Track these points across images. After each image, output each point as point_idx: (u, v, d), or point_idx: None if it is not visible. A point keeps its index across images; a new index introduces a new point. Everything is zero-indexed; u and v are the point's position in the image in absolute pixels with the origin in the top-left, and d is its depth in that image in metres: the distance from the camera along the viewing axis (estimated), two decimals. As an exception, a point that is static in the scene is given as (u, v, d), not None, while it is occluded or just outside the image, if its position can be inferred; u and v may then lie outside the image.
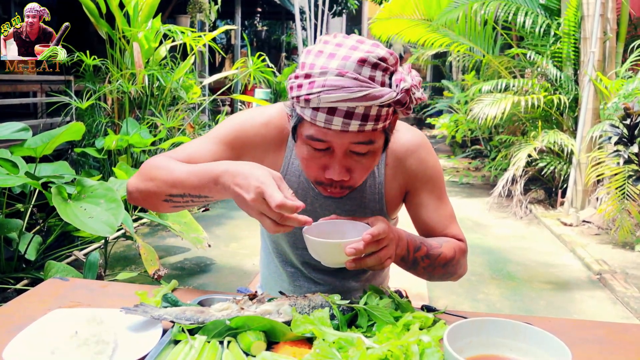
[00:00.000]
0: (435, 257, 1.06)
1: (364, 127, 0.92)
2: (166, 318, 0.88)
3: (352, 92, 0.88)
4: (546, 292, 3.34)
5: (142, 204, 1.06)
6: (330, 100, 0.89)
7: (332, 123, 0.91)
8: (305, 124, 0.96)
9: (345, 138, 0.94)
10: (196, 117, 5.17)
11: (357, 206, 1.17)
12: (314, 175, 1.02)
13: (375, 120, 0.92)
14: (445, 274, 1.12)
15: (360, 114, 0.90)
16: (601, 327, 1.02)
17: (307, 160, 1.00)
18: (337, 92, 0.88)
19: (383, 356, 0.75)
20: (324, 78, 0.89)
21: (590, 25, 4.83)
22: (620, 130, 3.82)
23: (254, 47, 12.72)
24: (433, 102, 9.91)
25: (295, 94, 0.93)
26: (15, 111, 5.44)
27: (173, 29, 4.48)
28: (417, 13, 6.37)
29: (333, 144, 0.95)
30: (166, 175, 1.00)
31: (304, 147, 0.99)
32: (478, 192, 6.31)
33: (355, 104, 0.89)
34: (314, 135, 0.95)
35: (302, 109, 0.94)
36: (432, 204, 1.17)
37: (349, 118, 0.90)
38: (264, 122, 1.14)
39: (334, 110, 0.90)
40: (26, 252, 2.69)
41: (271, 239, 1.29)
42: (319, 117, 0.92)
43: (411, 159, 1.15)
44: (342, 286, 1.28)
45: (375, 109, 0.91)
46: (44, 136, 2.64)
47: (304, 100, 0.92)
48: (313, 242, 0.93)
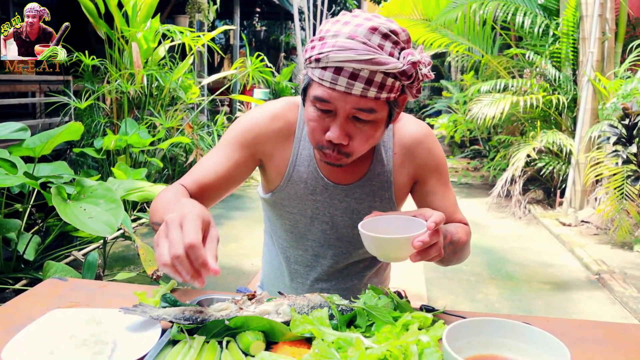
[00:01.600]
0: (456, 243, 1.10)
1: (367, 93, 0.95)
2: (165, 318, 0.88)
3: (359, 54, 0.92)
4: (545, 292, 3.34)
5: None
6: (337, 59, 0.93)
7: (337, 83, 0.95)
8: (313, 85, 0.99)
9: (348, 101, 0.96)
10: (195, 117, 5.17)
11: (366, 194, 1.18)
12: (317, 138, 1.03)
13: (379, 88, 0.95)
14: (461, 258, 1.16)
15: (365, 77, 0.93)
16: (600, 327, 1.02)
17: (312, 122, 1.02)
18: (345, 52, 0.92)
19: (382, 356, 0.75)
20: (335, 40, 0.94)
21: (589, 25, 4.83)
22: (619, 130, 3.83)
23: (252, 47, 12.72)
24: (432, 102, 9.92)
25: (308, 55, 0.98)
26: (14, 111, 5.43)
27: (172, 29, 4.48)
28: (416, 13, 6.38)
29: (336, 106, 0.98)
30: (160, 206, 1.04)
31: (310, 108, 1.02)
32: (477, 192, 6.31)
33: (361, 66, 0.92)
34: (319, 96, 0.98)
35: (312, 70, 0.98)
36: (439, 192, 1.20)
37: (354, 79, 0.94)
38: (271, 115, 1.17)
39: (340, 70, 0.94)
40: (25, 252, 2.68)
41: (276, 234, 1.29)
42: (325, 76, 0.95)
43: (419, 148, 1.18)
44: (345, 284, 1.28)
45: (380, 76, 0.94)
46: (43, 136, 2.63)
47: (314, 60, 0.96)
48: (377, 239, 0.92)
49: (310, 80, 1.01)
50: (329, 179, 1.17)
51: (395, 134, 1.19)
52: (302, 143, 1.17)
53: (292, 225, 1.23)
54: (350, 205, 1.18)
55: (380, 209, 1.19)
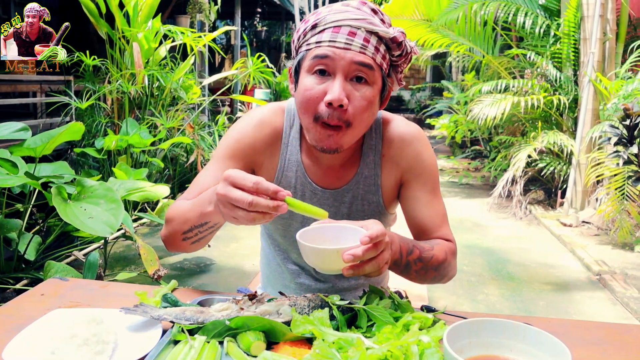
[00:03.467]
0: (427, 260, 1.05)
1: (365, 50, 1.00)
2: (166, 318, 0.88)
3: (356, 15, 1.00)
4: (546, 293, 3.34)
5: (173, 248, 1.11)
6: (335, 18, 1.00)
7: (337, 40, 0.99)
8: (310, 52, 1.02)
9: (348, 57, 0.99)
10: (196, 118, 5.17)
11: (354, 198, 1.17)
12: (314, 106, 1.02)
13: (374, 50, 1.01)
14: (437, 277, 1.10)
15: (362, 36, 1.00)
16: (601, 327, 1.02)
17: (309, 90, 1.02)
18: (342, 14, 1.01)
19: (383, 356, 0.75)
20: (329, 8, 1.03)
21: (590, 26, 4.83)
22: (620, 131, 3.82)
23: (253, 48, 12.73)
24: (433, 102, 9.91)
25: (302, 29, 1.04)
26: (15, 111, 5.44)
27: (173, 30, 4.48)
28: (417, 13, 6.37)
29: (336, 64, 1.00)
30: (177, 215, 1.05)
31: (306, 78, 1.03)
32: (478, 192, 6.31)
33: (358, 24, 0.99)
34: (319, 54, 1.00)
35: (308, 41, 1.03)
36: (424, 198, 1.16)
37: (353, 36, 0.99)
38: (258, 123, 1.17)
39: (338, 28, 1.00)
40: (26, 252, 2.69)
41: (272, 237, 1.29)
42: (324, 36, 1.00)
43: (407, 150, 1.16)
44: (342, 283, 1.28)
45: (375, 39, 1.01)
46: (44, 136, 2.64)
47: (310, 27, 1.02)
48: (307, 248, 0.87)
49: (304, 52, 1.03)
50: (317, 183, 1.17)
51: (384, 136, 1.17)
52: (289, 148, 1.17)
53: (284, 229, 1.23)
54: (340, 210, 1.17)
55: (369, 213, 1.18)
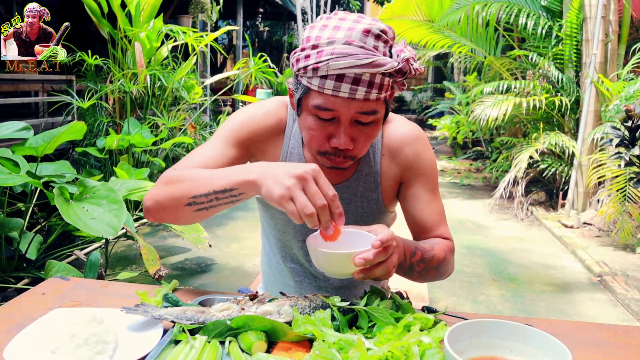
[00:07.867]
0: (429, 261, 1.07)
1: (369, 95, 0.96)
2: (167, 318, 0.88)
3: (360, 59, 0.92)
4: (547, 294, 3.33)
5: (161, 215, 1.03)
6: (339, 66, 0.92)
7: (340, 90, 0.95)
8: (312, 94, 0.99)
9: (352, 106, 0.97)
10: (197, 117, 5.18)
11: (353, 195, 1.18)
12: (318, 145, 1.03)
13: (379, 89, 0.96)
14: (437, 275, 1.13)
15: (367, 81, 0.94)
16: (602, 329, 1.02)
17: (313, 131, 1.02)
18: (346, 59, 0.92)
19: (383, 357, 0.75)
20: (332, 47, 0.93)
21: (592, 27, 4.83)
22: (622, 132, 3.82)
23: (255, 48, 12.74)
24: (434, 103, 9.91)
25: (303, 65, 0.96)
26: (17, 110, 5.45)
27: (175, 29, 4.49)
28: (419, 14, 6.37)
29: (340, 113, 0.98)
30: (187, 177, 0.98)
31: (309, 117, 1.01)
32: (479, 193, 6.30)
33: (363, 70, 0.93)
34: (321, 105, 0.97)
35: (310, 79, 0.97)
36: (424, 197, 1.18)
37: (356, 84, 0.94)
38: (264, 113, 1.18)
39: (342, 77, 0.94)
40: (27, 252, 2.69)
41: (274, 235, 1.29)
42: (327, 84, 0.95)
43: (407, 150, 1.17)
44: (343, 281, 1.28)
45: (379, 77, 0.95)
46: (45, 135, 2.64)
47: (311, 69, 0.95)
48: (318, 252, 0.89)
49: (307, 89, 0.99)
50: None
51: (384, 135, 1.18)
52: (291, 141, 1.18)
53: (283, 225, 1.23)
54: None
55: (368, 210, 1.19)
